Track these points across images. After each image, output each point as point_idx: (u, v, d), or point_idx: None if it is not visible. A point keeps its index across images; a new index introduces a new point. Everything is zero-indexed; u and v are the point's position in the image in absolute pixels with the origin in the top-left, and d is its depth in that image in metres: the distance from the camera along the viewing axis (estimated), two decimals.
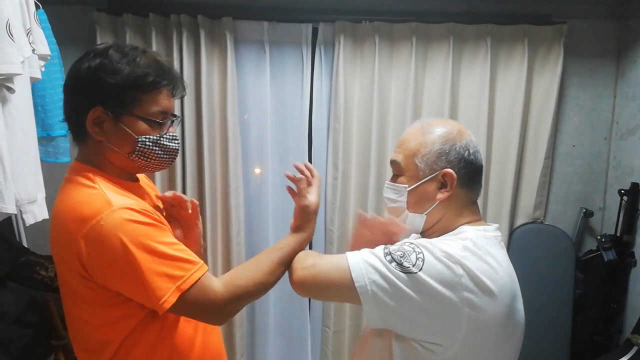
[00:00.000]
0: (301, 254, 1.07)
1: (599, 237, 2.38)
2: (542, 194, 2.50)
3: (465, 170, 1.00)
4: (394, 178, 1.06)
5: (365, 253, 0.95)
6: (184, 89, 1.14)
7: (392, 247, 0.93)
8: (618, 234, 2.35)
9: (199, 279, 0.98)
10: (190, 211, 1.23)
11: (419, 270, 0.87)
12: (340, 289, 0.94)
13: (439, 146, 0.99)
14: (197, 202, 1.26)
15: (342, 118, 2.38)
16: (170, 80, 1.08)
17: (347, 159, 2.43)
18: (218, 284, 1.00)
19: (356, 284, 0.90)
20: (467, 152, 1.00)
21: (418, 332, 0.91)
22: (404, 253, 0.90)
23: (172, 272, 0.95)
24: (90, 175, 1.03)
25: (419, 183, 1.01)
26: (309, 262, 1.01)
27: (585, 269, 2.45)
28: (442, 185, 1.00)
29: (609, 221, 2.49)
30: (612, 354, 2.16)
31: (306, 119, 2.45)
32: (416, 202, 1.02)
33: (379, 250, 0.94)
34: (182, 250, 0.99)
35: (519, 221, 2.52)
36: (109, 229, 0.92)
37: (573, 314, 2.41)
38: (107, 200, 0.96)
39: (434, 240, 0.95)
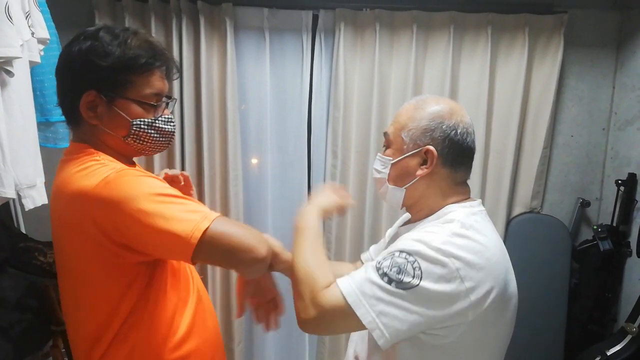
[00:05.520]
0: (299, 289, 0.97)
1: (595, 227, 2.39)
2: (540, 183, 2.50)
3: (450, 150, 1.01)
4: (384, 150, 1.09)
5: (359, 282, 0.91)
6: (177, 70, 1.13)
7: (384, 264, 0.90)
8: (614, 224, 2.36)
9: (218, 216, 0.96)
10: (182, 183, 1.31)
11: (420, 281, 0.87)
12: (350, 326, 0.92)
13: (426, 122, 1.01)
14: (186, 174, 1.35)
15: (342, 106, 2.37)
16: (163, 62, 1.06)
17: (346, 147, 2.43)
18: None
19: (364, 322, 0.88)
20: (454, 132, 1.00)
21: (429, 329, 0.91)
22: (400, 268, 0.88)
23: (193, 207, 0.95)
24: (92, 150, 1.03)
25: (402, 157, 1.04)
26: (310, 303, 0.93)
27: (581, 259, 2.46)
28: (424, 162, 1.02)
29: (605, 211, 2.50)
30: (606, 342, 2.18)
31: (306, 107, 2.44)
32: (397, 175, 1.05)
33: (373, 273, 0.90)
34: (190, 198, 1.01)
35: (516, 210, 2.53)
36: (123, 185, 0.93)
37: (568, 302, 2.43)
38: (114, 166, 0.98)
39: (422, 234, 0.93)
